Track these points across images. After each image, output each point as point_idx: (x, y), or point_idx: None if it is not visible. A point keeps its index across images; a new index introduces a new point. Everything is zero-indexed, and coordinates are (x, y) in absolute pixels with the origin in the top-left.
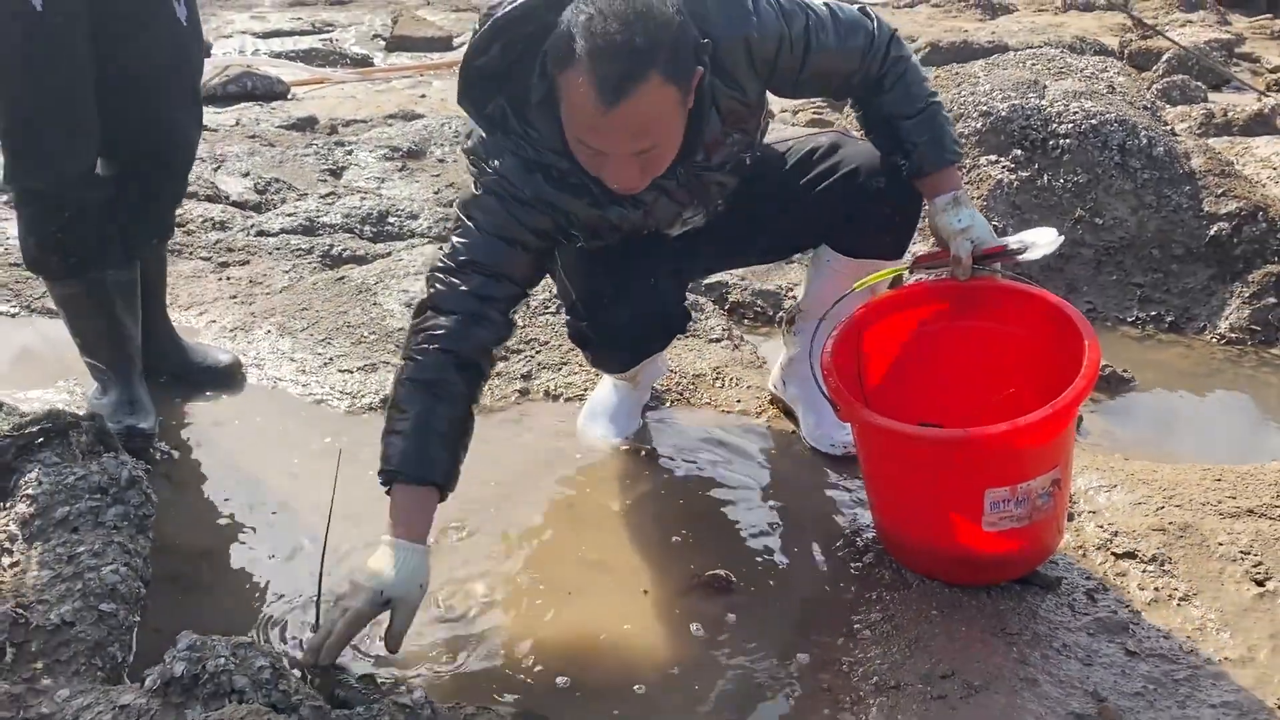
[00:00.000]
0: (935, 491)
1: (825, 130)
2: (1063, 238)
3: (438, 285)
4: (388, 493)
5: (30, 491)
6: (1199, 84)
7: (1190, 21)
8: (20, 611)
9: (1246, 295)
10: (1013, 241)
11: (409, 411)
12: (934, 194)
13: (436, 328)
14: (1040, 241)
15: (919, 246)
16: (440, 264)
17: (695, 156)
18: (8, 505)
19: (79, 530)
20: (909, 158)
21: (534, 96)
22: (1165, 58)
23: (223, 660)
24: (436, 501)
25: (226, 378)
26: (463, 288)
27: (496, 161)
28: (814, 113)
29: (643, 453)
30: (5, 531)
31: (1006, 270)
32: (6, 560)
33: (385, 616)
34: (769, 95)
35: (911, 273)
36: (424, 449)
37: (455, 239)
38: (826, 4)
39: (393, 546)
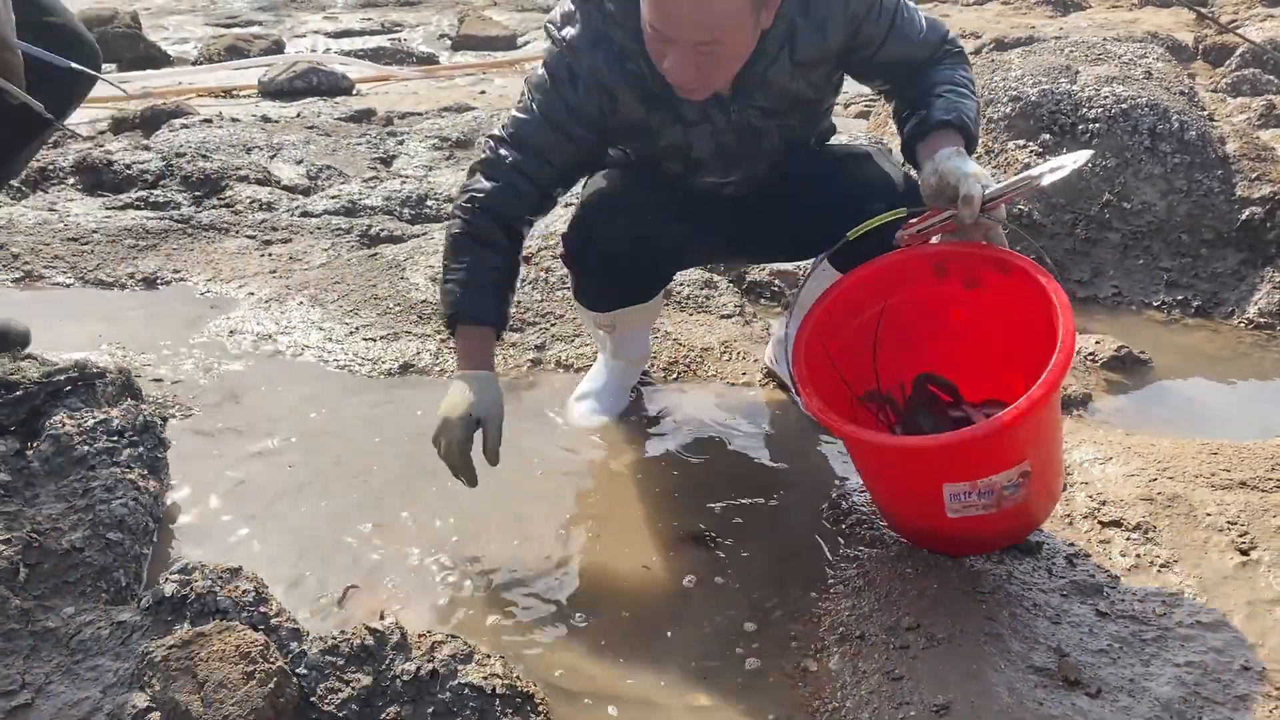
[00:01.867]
0: (898, 481)
1: (869, 144)
2: (1089, 153)
3: (488, 151)
4: (452, 334)
5: (54, 432)
6: (1271, 78)
7: (1271, 16)
8: (35, 536)
9: (1278, 280)
10: (1019, 178)
11: (463, 261)
12: (937, 149)
13: (480, 190)
14: (1066, 164)
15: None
16: (496, 131)
17: (751, 91)
18: (34, 444)
19: (95, 468)
20: (929, 106)
21: None
22: (1239, 52)
23: (209, 583)
24: (494, 339)
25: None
26: (508, 159)
27: (569, 29)
28: (866, 104)
29: (645, 419)
30: (29, 468)
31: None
32: (28, 492)
33: None
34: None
35: (905, 230)
36: (478, 293)
37: (514, 111)
38: (917, 6)
39: (466, 379)
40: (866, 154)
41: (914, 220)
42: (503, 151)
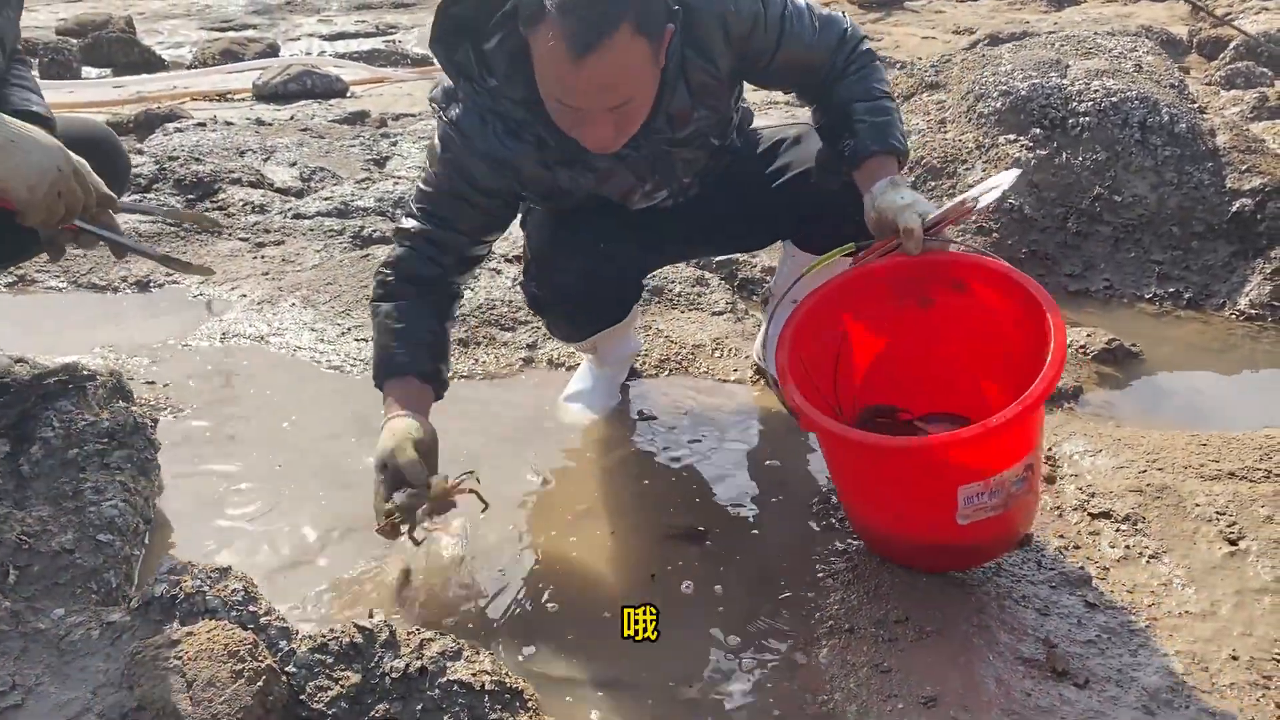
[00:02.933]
0: (905, 490)
1: (799, 122)
2: (1018, 172)
3: (403, 221)
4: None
5: (45, 435)
6: (1265, 70)
7: (1266, 8)
8: (25, 538)
9: (1268, 271)
10: (954, 203)
11: (390, 323)
12: (872, 181)
13: (397, 258)
14: (999, 184)
15: None
16: (407, 206)
17: (657, 125)
18: (25, 447)
19: (85, 470)
20: (855, 135)
21: (490, 42)
22: (1233, 44)
23: (198, 583)
24: (429, 396)
25: None
26: (416, 230)
27: (455, 111)
28: None
29: (636, 416)
30: (19, 470)
31: (967, 246)
32: (18, 494)
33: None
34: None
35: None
36: (408, 350)
37: (420, 184)
38: (806, 2)
39: (383, 427)
40: (796, 136)
41: (862, 254)
42: (409, 223)
